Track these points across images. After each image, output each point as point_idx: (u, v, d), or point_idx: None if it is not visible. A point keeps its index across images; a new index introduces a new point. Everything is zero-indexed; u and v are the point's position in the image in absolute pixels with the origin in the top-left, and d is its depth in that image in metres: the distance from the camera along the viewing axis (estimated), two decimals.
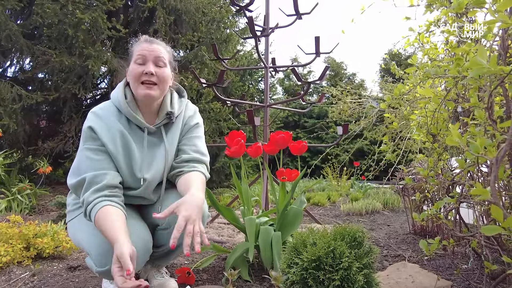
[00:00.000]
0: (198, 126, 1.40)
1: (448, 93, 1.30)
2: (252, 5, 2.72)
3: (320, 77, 2.63)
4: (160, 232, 1.28)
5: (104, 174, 1.16)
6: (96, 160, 1.17)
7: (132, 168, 1.23)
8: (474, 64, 0.82)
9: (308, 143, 1.86)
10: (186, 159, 1.30)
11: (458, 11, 1.09)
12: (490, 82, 1.03)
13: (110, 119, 1.23)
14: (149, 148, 1.28)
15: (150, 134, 1.29)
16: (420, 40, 1.72)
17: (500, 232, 0.78)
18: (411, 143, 3.62)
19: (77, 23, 3.86)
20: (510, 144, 0.81)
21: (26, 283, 1.49)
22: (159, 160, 1.28)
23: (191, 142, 1.35)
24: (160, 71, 1.23)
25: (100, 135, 1.19)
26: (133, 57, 1.24)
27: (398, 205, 3.72)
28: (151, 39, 1.28)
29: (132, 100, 1.26)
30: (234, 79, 5.91)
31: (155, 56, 1.22)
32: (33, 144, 4.63)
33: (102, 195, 1.12)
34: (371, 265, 1.07)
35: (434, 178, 1.49)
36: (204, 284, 1.45)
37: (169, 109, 1.30)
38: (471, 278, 1.43)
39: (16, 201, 3.14)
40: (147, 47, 1.23)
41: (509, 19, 0.82)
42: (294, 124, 11.69)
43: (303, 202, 1.66)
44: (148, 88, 1.21)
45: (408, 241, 2.19)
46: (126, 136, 1.23)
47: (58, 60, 3.92)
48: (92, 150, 1.18)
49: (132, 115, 1.24)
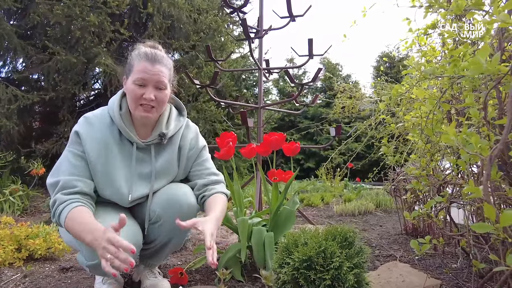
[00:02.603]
0: (205, 148, 1.41)
1: (443, 94, 1.31)
2: (245, 7, 2.73)
3: (313, 78, 2.65)
4: (150, 226, 1.28)
5: (77, 180, 1.16)
6: (73, 165, 1.17)
7: (112, 182, 1.22)
8: (473, 64, 0.83)
9: (303, 145, 1.88)
10: (204, 183, 1.34)
11: (457, 13, 1.11)
12: (486, 82, 1.05)
13: (101, 128, 1.22)
14: (137, 164, 1.27)
15: (139, 150, 1.27)
16: (418, 42, 1.75)
17: (490, 230, 0.80)
18: (405, 143, 3.65)
19: (84, 25, 3.86)
20: (504, 143, 0.82)
21: (17, 285, 1.48)
22: (146, 178, 1.28)
23: (203, 166, 1.38)
24: (160, 95, 1.20)
25: (84, 141, 1.19)
26: (133, 75, 1.18)
27: (390, 205, 3.75)
28: (153, 55, 1.19)
29: (127, 113, 1.25)
30: (229, 83, 5.93)
31: (156, 80, 1.18)
32: (26, 145, 4.60)
33: (75, 198, 1.13)
34: (361, 265, 1.09)
35: (426, 178, 1.51)
36: (196, 284, 1.45)
37: (163, 130, 1.28)
38: (460, 276, 1.45)
39: (8, 202, 3.11)
40: (149, 70, 1.16)
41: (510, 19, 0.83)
42: (289, 125, 11.73)
43: (296, 203, 1.67)
44: (146, 111, 1.19)
45: (400, 241, 2.22)
46: (111, 149, 1.22)
47: (64, 59, 3.91)
48: (73, 154, 1.19)
49: (123, 128, 1.22)
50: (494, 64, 0.81)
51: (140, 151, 1.28)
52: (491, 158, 0.81)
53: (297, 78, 12.99)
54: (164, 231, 1.28)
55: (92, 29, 3.90)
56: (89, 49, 4.03)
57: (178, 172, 1.35)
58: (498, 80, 0.93)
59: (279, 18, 2.83)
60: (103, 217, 1.16)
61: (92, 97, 5.88)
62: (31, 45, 4.21)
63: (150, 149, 1.29)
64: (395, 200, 2.56)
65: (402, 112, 2.11)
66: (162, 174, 1.30)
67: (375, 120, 4.15)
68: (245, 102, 6.83)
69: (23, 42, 4.15)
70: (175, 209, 1.24)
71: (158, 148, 1.31)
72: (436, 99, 1.34)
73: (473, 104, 1.13)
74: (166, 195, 1.27)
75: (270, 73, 3.09)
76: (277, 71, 3.34)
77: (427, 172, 1.53)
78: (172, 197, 1.26)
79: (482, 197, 0.82)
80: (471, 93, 1.15)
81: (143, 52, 1.20)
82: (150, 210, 1.27)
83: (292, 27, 3.84)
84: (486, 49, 0.83)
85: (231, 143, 1.59)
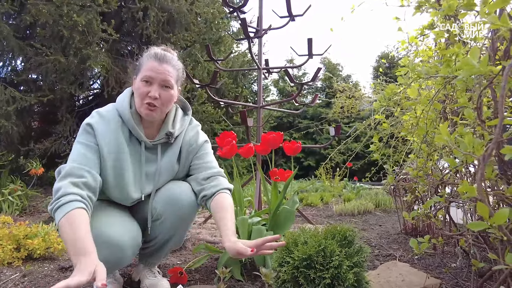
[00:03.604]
0: (207, 142, 1.40)
1: (437, 94, 1.32)
2: (245, 7, 2.73)
3: (312, 78, 2.66)
4: (151, 224, 1.29)
5: (87, 171, 1.11)
6: (84, 156, 1.14)
7: (121, 181, 1.21)
8: (465, 65, 0.84)
9: (303, 144, 1.88)
10: (204, 177, 1.31)
11: (448, 13, 1.11)
12: (479, 82, 1.05)
13: (114, 124, 1.21)
14: (146, 164, 1.28)
15: (147, 150, 1.28)
16: (414, 43, 1.75)
17: (485, 228, 0.80)
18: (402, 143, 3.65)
19: (73, 25, 3.84)
20: (497, 143, 0.83)
21: (16, 284, 1.48)
22: (150, 177, 1.29)
23: (202, 160, 1.35)
24: (165, 94, 1.21)
25: (97, 133, 1.18)
26: (141, 73, 1.20)
27: (390, 205, 3.75)
28: (162, 55, 1.22)
29: (136, 111, 1.25)
30: (227, 81, 5.92)
31: (162, 79, 1.19)
32: (25, 145, 4.59)
33: (79, 195, 1.06)
34: (361, 264, 1.09)
35: (423, 178, 1.51)
36: (196, 284, 1.45)
37: (170, 129, 1.29)
38: (460, 276, 1.45)
39: (7, 202, 3.11)
40: (156, 68, 1.19)
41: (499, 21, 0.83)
42: (289, 125, 11.73)
43: (295, 202, 1.67)
44: (150, 109, 1.20)
45: (399, 240, 2.22)
46: (123, 148, 1.21)
47: (52, 59, 3.89)
48: (85, 146, 1.17)
49: (133, 126, 1.22)
50: (484, 65, 0.82)
51: (148, 150, 1.28)
52: (485, 157, 0.82)
53: (296, 78, 13.00)
54: (165, 229, 1.28)
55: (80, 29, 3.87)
56: (80, 49, 4.01)
57: (178, 169, 1.35)
58: (490, 80, 0.93)
59: (279, 17, 2.83)
60: (100, 217, 1.16)
61: (91, 96, 5.87)
62: (30, 46, 4.20)
63: (157, 148, 1.29)
64: (394, 199, 2.56)
65: (398, 112, 2.11)
66: (164, 173, 1.31)
67: (374, 120, 4.15)
68: (244, 100, 6.83)
69: (22, 43, 4.14)
70: (176, 207, 1.25)
71: (164, 148, 1.31)
72: (429, 99, 1.34)
73: (466, 104, 1.13)
74: (167, 193, 1.27)
75: (269, 72, 3.09)
76: (277, 71, 3.34)
77: (424, 172, 1.53)
78: (172, 195, 1.26)
79: (476, 196, 0.82)
80: (464, 93, 1.15)
81: (153, 53, 1.23)
82: (152, 207, 1.27)
83: (292, 26, 3.86)
84: (476, 50, 0.84)
85: (234, 141, 1.59)
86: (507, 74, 0.77)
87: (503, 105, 0.78)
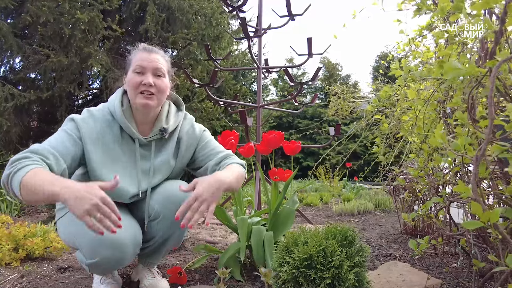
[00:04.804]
0: (205, 132, 1.41)
1: (433, 94, 1.32)
2: (245, 6, 2.72)
3: (312, 78, 2.65)
4: (150, 223, 1.28)
5: (52, 154, 1.08)
6: (61, 142, 1.14)
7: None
8: (450, 69, 0.85)
9: (302, 144, 1.88)
10: (215, 163, 1.31)
11: (442, 15, 1.11)
12: (469, 83, 1.05)
13: (101, 122, 1.22)
14: (142, 160, 1.28)
15: (142, 146, 1.29)
16: (413, 44, 1.75)
17: (480, 226, 0.80)
18: (403, 144, 3.65)
19: (75, 23, 3.82)
20: (488, 143, 0.82)
21: (14, 285, 1.47)
22: (146, 174, 1.29)
23: (208, 148, 1.36)
24: (159, 82, 1.22)
25: (81, 127, 1.18)
26: (132, 66, 1.23)
27: (389, 205, 3.75)
28: (150, 47, 1.27)
29: (128, 109, 1.26)
30: (228, 77, 5.89)
31: (154, 67, 1.22)
32: (24, 144, 4.57)
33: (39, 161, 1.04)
34: (362, 264, 1.08)
35: (424, 178, 1.51)
36: (196, 284, 1.44)
37: (163, 125, 1.29)
38: (461, 276, 1.45)
39: (5, 202, 3.10)
40: (146, 57, 1.22)
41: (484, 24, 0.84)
42: (288, 125, 11.73)
43: (295, 202, 1.66)
44: (147, 98, 1.20)
45: (399, 240, 2.21)
46: (109, 145, 1.22)
47: (56, 60, 3.88)
48: (66, 133, 1.17)
49: (125, 124, 1.23)
50: (473, 67, 0.82)
51: (142, 147, 1.29)
52: (477, 157, 0.82)
53: (296, 78, 13.00)
54: (164, 228, 1.27)
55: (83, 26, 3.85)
56: (82, 48, 3.99)
57: (175, 165, 1.35)
58: (478, 81, 0.94)
59: (278, 17, 2.82)
60: None
61: (90, 96, 5.86)
62: (28, 44, 4.19)
63: (151, 145, 1.30)
64: (394, 199, 2.56)
65: (397, 112, 2.11)
66: (159, 170, 1.31)
67: (367, 121, 4.16)
68: (243, 99, 6.82)
69: (20, 41, 4.12)
70: (174, 205, 1.23)
71: (159, 144, 1.32)
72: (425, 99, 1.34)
73: (459, 104, 1.13)
74: (165, 192, 1.27)
75: (269, 72, 3.08)
76: (276, 71, 3.33)
77: (425, 172, 1.53)
78: (170, 193, 1.26)
79: (471, 196, 0.82)
80: (459, 93, 1.15)
81: (141, 46, 1.28)
82: (149, 206, 1.26)
83: (292, 26, 3.85)
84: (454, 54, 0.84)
85: (233, 140, 1.58)
86: (494, 76, 0.77)
87: (492, 105, 0.78)
